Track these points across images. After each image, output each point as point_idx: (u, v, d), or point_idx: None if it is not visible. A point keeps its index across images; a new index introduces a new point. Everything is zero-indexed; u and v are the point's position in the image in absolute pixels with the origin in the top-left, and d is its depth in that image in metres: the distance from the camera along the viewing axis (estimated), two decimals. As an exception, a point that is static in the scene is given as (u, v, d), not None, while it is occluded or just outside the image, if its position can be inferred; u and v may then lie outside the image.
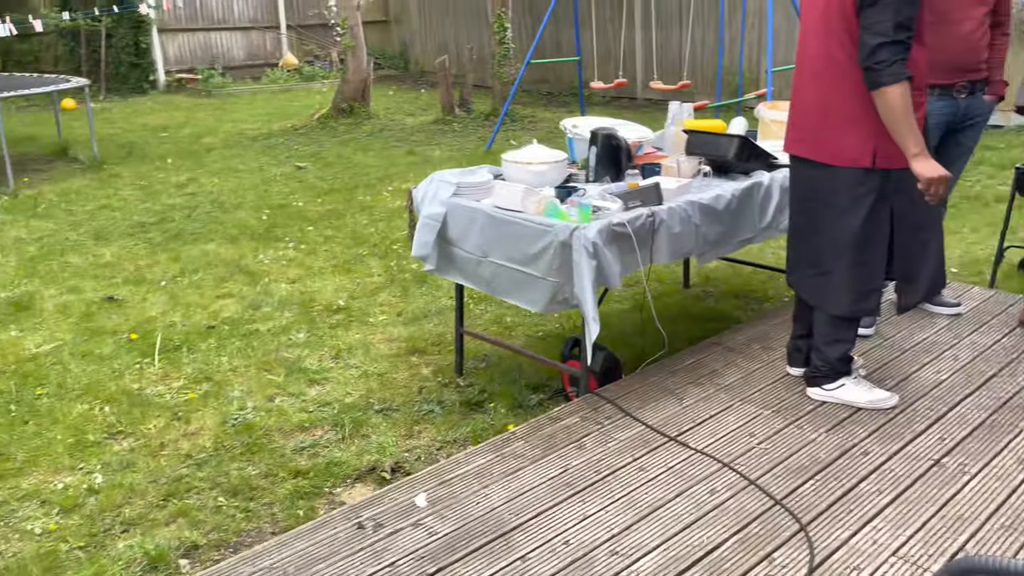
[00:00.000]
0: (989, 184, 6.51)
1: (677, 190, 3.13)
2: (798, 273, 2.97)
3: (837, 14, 2.58)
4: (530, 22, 13.74)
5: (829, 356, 2.93)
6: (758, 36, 10.91)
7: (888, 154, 2.63)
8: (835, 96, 2.66)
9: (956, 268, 4.64)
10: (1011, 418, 2.84)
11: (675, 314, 4.16)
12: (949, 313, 3.74)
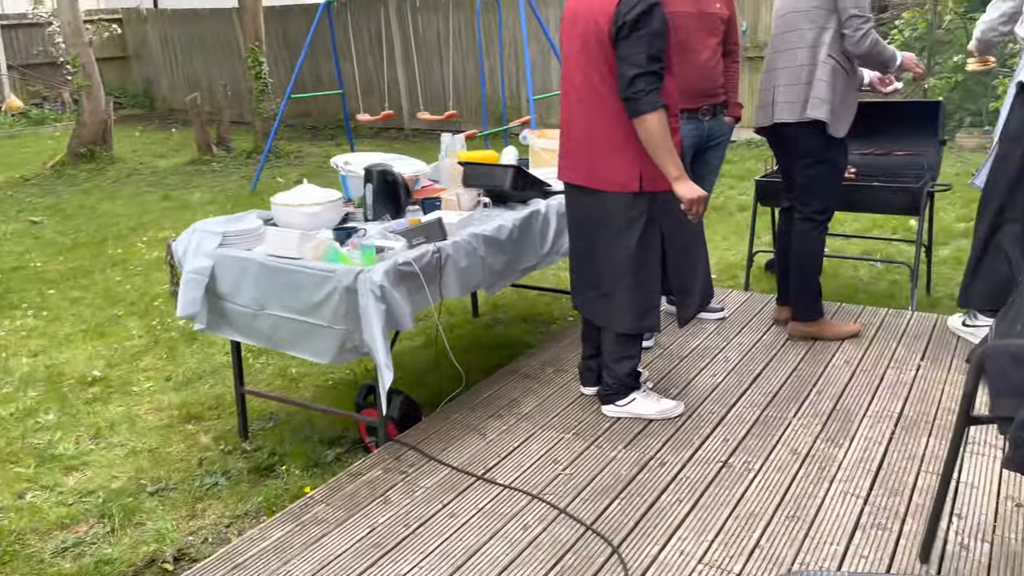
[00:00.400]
0: (731, 195, 7.18)
1: (460, 223, 3.09)
2: (582, 295, 3.04)
3: (596, 47, 2.67)
4: (287, 55, 13.33)
5: (619, 373, 3.03)
6: (516, 65, 11.35)
7: (653, 178, 2.76)
8: (600, 125, 2.75)
9: (715, 275, 5.03)
10: (780, 411, 3.09)
11: (468, 344, 4.13)
12: (715, 318, 4.03)
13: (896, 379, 3.30)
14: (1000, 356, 1.85)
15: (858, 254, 5.31)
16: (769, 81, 3.53)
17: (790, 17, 3.41)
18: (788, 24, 3.42)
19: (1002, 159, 3.30)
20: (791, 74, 3.41)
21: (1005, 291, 3.28)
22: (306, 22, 12.01)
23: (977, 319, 3.59)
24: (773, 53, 3.52)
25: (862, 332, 3.77)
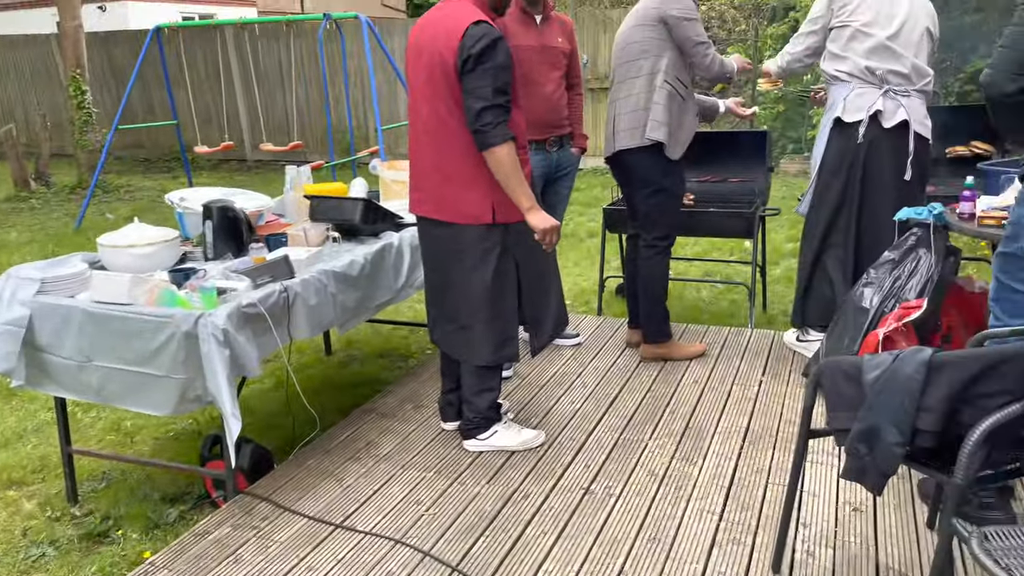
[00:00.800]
0: (581, 221, 7.38)
1: (308, 260, 2.97)
2: (440, 329, 2.99)
3: (441, 80, 2.66)
4: (114, 84, 12.56)
5: (479, 406, 2.99)
6: (363, 95, 11.23)
7: (506, 208, 2.77)
8: (450, 157, 2.73)
9: (568, 300, 5.13)
10: (637, 434, 3.15)
11: (321, 385, 3.97)
12: (571, 344, 4.09)
13: (741, 395, 3.46)
14: (833, 373, 1.96)
15: (700, 276, 5.57)
16: (612, 111, 3.65)
17: (628, 49, 3.55)
18: (626, 56, 3.56)
19: (824, 187, 3.56)
20: (631, 102, 3.54)
21: (831, 309, 3.53)
22: (134, 49, 11.38)
23: (809, 334, 3.84)
24: (615, 85, 3.65)
25: (708, 351, 3.94)
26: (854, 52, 3.40)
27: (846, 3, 3.40)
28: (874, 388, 1.82)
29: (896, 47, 3.36)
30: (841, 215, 3.54)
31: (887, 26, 3.36)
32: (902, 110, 3.39)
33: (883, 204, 3.45)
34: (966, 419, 1.73)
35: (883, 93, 3.38)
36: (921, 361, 1.76)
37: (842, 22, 3.41)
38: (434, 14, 2.73)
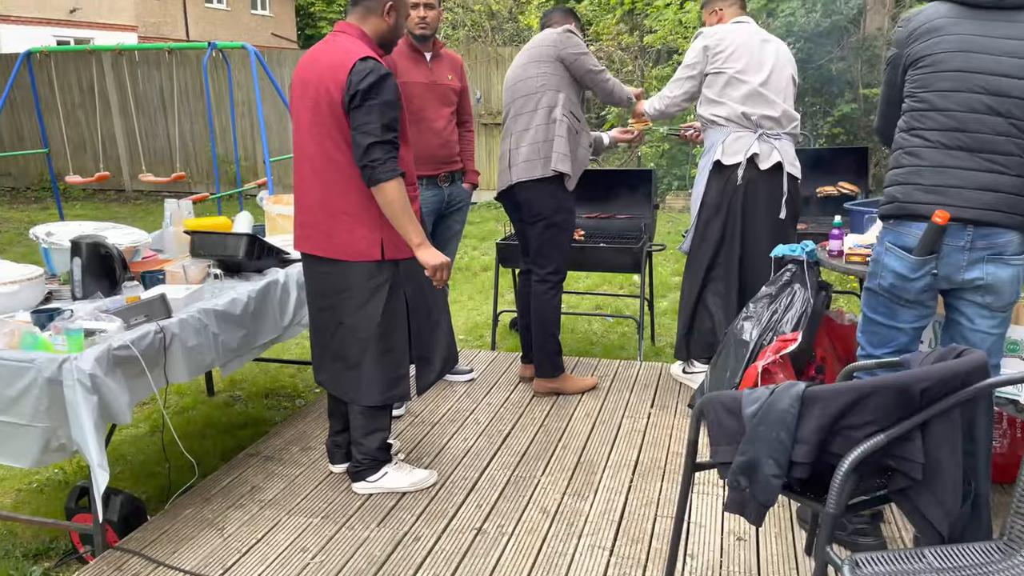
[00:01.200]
0: (475, 255, 7.41)
1: (187, 298, 2.84)
2: (326, 370, 2.91)
3: (328, 115, 2.62)
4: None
5: (369, 447, 2.92)
6: (251, 125, 10.96)
7: (395, 244, 2.74)
8: (337, 193, 2.69)
9: (462, 335, 5.11)
10: (529, 471, 3.15)
11: (202, 428, 3.79)
12: (464, 380, 4.07)
13: (631, 428, 3.52)
14: (715, 407, 2.01)
15: (591, 309, 5.67)
16: (507, 145, 3.68)
17: (525, 84, 3.61)
18: (523, 91, 3.62)
19: (705, 226, 3.70)
20: (530, 135, 3.59)
21: (714, 343, 3.66)
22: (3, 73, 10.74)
23: (694, 366, 3.96)
24: (509, 119, 3.69)
25: (599, 384, 3.99)
26: (730, 98, 3.57)
27: (720, 51, 3.57)
28: (752, 422, 1.89)
29: (768, 93, 3.56)
30: (722, 252, 3.69)
31: (758, 73, 3.55)
32: (776, 152, 3.58)
33: (760, 241, 3.62)
34: (836, 450, 1.81)
35: (758, 137, 3.56)
36: (795, 395, 1.83)
37: (717, 69, 3.57)
38: (320, 49, 2.70)
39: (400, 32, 2.79)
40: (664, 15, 10.80)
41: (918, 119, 2.35)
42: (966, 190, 2.26)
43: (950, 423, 1.82)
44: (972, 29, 2.27)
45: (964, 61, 2.26)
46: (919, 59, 2.34)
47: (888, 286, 2.42)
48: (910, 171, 2.35)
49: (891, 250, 2.40)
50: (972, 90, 2.25)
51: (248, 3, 26.19)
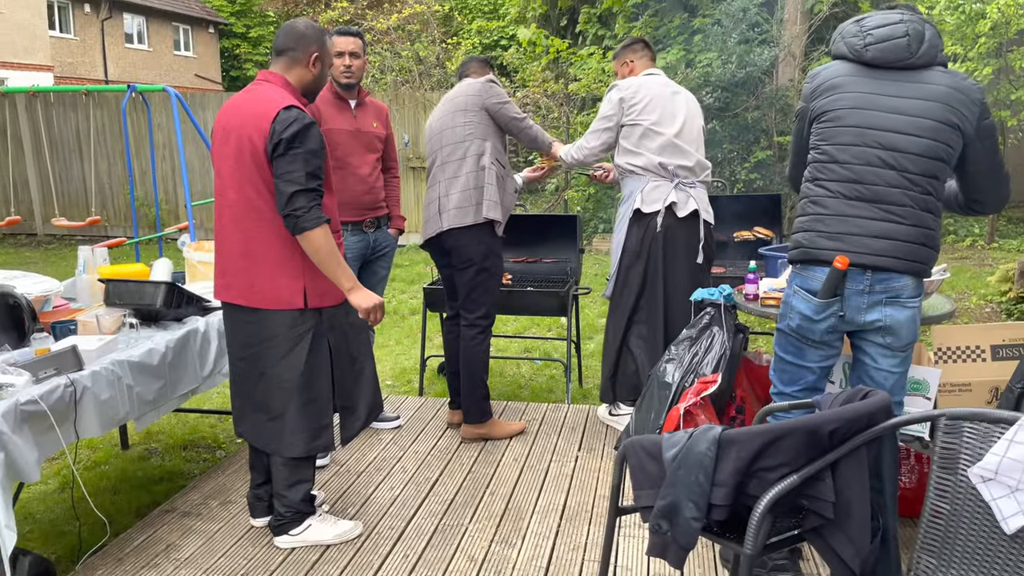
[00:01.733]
0: (403, 299, 7.37)
1: (100, 349, 2.74)
2: (248, 421, 2.85)
3: (251, 163, 2.60)
4: None
5: (292, 499, 2.85)
6: (172, 168, 10.75)
7: (319, 292, 2.72)
8: (259, 242, 2.66)
9: (390, 380, 5.06)
10: (457, 519, 3.12)
11: (116, 483, 3.63)
12: (391, 427, 4.02)
13: (559, 471, 3.53)
14: (637, 451, 2.05)
15: (519, 353, 5.70)
16: (435, 192, 3.71)
17: (449, 134, 3.68)
18: (450, 139, 3.67)
19: (627, 272, 3.79)
20: (460, 183, 3.63)
21: (638, 385, 3.73)
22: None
23: (620, 408, 4.01)
24: (436, 167, 3.73)
25: (527, 428, 4.01)
26: (647, 149, 3.69)
27: (635, 103, 3.70)
28: (672, 466, 1.93)
29: (682, 144, 3.70)
30: (644, 296, 3.78)
31: (672, 125, 3.69)
32: (692, 200, 3.71)
33: (680, 285, 3.73)
34: (753, 492, 1.86)
35: (675, 186, 3.68)
36: (712, 439, 1.88)
37: (633, 121, 3.70)
38: (243, 97, 2.69)
39: (324, 81, 2.81)
40: (588, 64, 11.11)
41: (821, 170, 2.48)
42: (864, 237, 2.39)
43: (858, 462, 1.90)
44: (869, 87, 2.42)
45: (861, 117, 2.40)
46: (822, 114, 2.48)
47: (796, 327, 2.53)
48: (814, 219, 2.47)
49: (798, 293, 2.51)
50: (869, 145, 2.39)
51: (171, 44, 25.83)
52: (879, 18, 2.44)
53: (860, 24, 2.46)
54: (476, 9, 21.16)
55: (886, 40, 2.39)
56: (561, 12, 14.23)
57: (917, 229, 2.38)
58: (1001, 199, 2.53)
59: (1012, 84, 8.82)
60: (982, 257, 8.74)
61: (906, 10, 2.46)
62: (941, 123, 2.36)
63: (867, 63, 2.43)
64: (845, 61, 2.48)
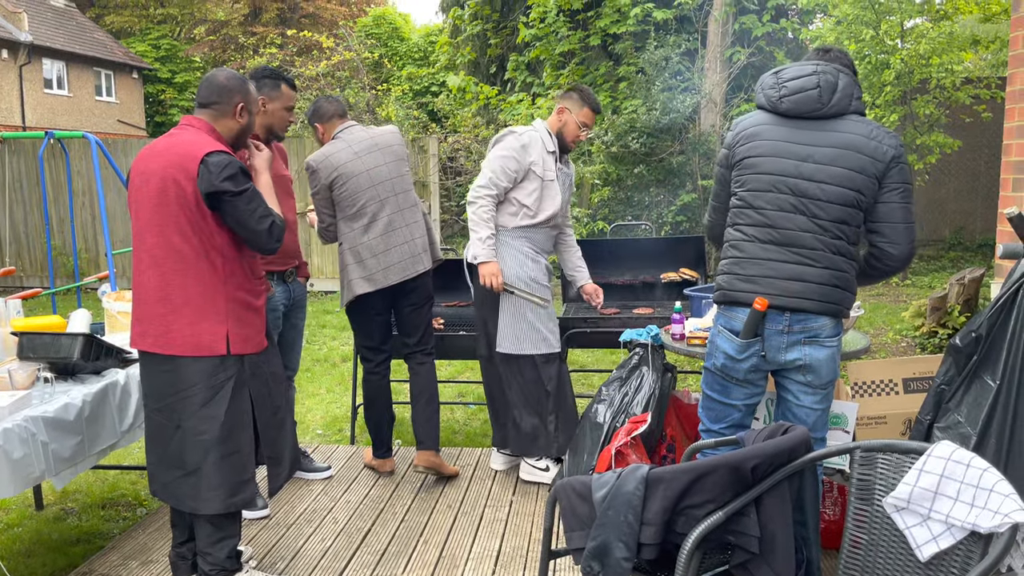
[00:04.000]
0: (334, 346, 7.27)
1: (13, 406, 2.62)
2: (162, 477, 2.73)
3: (174, 206, 2.55)
4: None
5: (217, 557, 2.75)
6: (92, 216, 10.46)
7: (243, 338, 2.67)
8: (180, 287, 2.60)
9: (320, 429, 4.97)
10: (390, 569, 3.07)
11: (30, 547, 3.45)
12: (322, 477, 3.94)
13: (493, 517, 3.51)
14: (568, 493, 2.06)
15: (453, 398, 5.67)
16: (403, 237, 3.74)
17: (399, 182, 3.77)
18: (400, 187, 3.77)
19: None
20: (420, 228, 3.82)
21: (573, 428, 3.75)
22: None
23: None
24: (395, 213, 3.72)
25: (461, 473, 3.97)
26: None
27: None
28: (602, 506, 1.94)
29: None
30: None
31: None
32: None
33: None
34: (681, 529, 1.89)
35: None
36: (639, 478, 1.91)
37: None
38: (164, 141, 2.65)
39: (251, 129, 2.79)
40: (517, 110, 11.32)
41: (739, 215, 2.58)
42: (778, 280, 2.48)
43: (780, 497, 1.95)
44: (783, 136, 2.53)
45: (774, 165, 2.51)
46: (740, 160, 2.59)
47: (721, 366, 2.60)
48: (732, 262, 2.57)
49: (722, 332, 2.60)
50: (780, 190, 2.50)
51: (92, 89, 25.25)
52: (794, 70, 2.56)
53: (777, 76, 2.58)
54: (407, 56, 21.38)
55: (799, 92, 2.51)
56: (490, 60, 14.52)
57: (829, 271, 2.47)
58: (907, 254, 2.52)
59: (917, 130, 9.33)
60: (897, 294, 9.13)
61: (823, 61, 2.57)
62: (852, 170, 2.44)
63: (782, 113, 2.55)
64: (764, 111, 2.60)
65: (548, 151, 3.74)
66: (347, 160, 3.67)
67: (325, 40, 12.00)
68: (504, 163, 3.67)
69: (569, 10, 11.85)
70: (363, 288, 3.71)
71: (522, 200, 3.72)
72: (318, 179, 3.69)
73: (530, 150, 3.70)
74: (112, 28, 27.68)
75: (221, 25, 25.87)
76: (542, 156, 3.72)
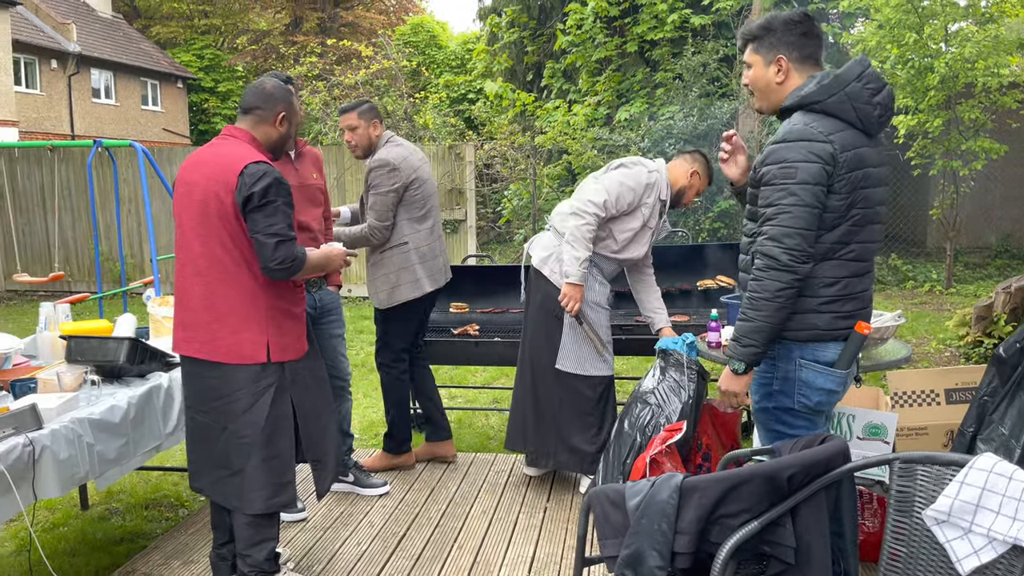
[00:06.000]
0: (370, 351, 7.33)
1: (61, 407, 2.71)
2: (207, 476, 2.80)
3: (216, 216, 2.62)
4: None
5: (256, 559, 2.80)
6: (138, 222, 10.69)
7: (282, 346, 2.72)
8: (222, 295, 2.66)
9: (358, 435, 5.01)
10: (424, 574, 3.09)
11: (75, 545, 3.54)
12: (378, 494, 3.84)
13: (528, 523, 3.52)
14: (601, 501, 2.06)
15: (488, 404, 5.69)
16: (443, 244, 4.06)
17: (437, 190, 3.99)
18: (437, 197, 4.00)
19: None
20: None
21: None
22: None
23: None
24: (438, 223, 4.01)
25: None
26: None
27: None
28: (636, 515, 1.94)
29: None
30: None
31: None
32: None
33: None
34: (715, 539, 1.88)
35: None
36: (673, 487, 1.91)
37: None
38: (207, 151, 2.72)
39: (290, 139, 2.85)
40: (553, 116, 11.34)
41: (837, 248, 2.26)
42: (868, 308, 2.36)
43: (817, 507, 1.93)
44: (873, 159, 2.26)
45: (879, 195, 2.28)
46: (850, 189, 2.22)
47: (815, 404, 2.31)
48: (829, 301, 2.27)
49: (807, 367, 2.30)
50: (873, 221, 2.30)
51: (138, 99, 25.85)
52: (877, 81, 2.25)
53: (865, 86, 2.24)
54: (444, 64, 21.55)
55: (889, 111, 2.27)
56: (527, 67, 14.57)
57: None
58: None
59: (962, 135, 9.15)
60: (940, 302, 8.95)
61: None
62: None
63: (863, 130, 2.24)
64: (845, 123, 2.22)
65: (660, 199, 3.65)
66: (420, 164, 3.89)
67: (364, 49, 12.14)
68: (623, 191, 3.56)
69: (606, 17, 11.85)
70: (429, 286, 3.93)
71: (615, 233, 3.62)
72: (398, 177, 3.75)
73: (651, 192, 3.61)
74: (158, 39, 28.33)
75: (263, 35, 26.33)
76: (655, 202, 3.63)
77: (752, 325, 2.25)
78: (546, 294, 3.72)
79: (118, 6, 28.37)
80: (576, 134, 10.45)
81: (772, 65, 2.34)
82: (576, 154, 10.24)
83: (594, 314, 3.70)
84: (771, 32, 2.34)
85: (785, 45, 2.32)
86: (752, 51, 2.38)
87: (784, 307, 2.22)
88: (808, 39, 2.34)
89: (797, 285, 2.21)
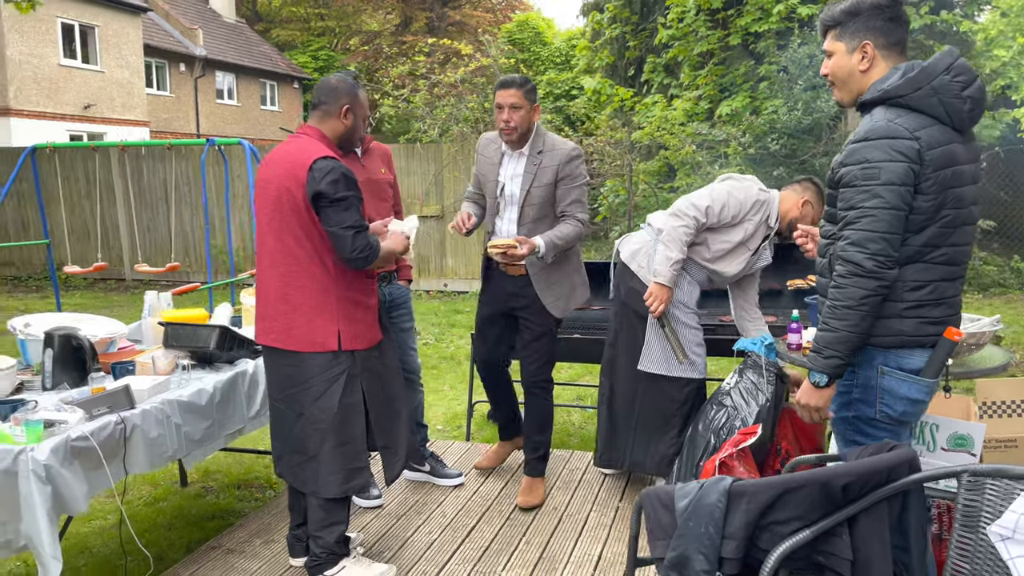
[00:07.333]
0: (460, 344, 7.46)
1: (152, 389, 2.89)
2: (285, 461, 2.94)
3: (288, 212, 2.73)
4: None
5: (327, 541, 2.91)
6: (248, 216, 11.21)
7: (353, 335, 2.82)
8: (296, 286, 2.78)
9: (440, 425, 5.12)
10: (490, 566, 3.13)
11: (171, 519, 3.77)
12: (452, 484, 3.90)
13: (598, 522, 3.50)
14: (652, 502, 2.04)
15: (572, 400, 5.68)
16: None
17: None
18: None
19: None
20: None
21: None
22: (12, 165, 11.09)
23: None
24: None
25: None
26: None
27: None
28: (683, 517, 1.91)
29: None
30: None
31: None
32: None
33: None
34: (764, 546, 1.83)
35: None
36: (722, 490, 1.86)
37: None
38: (281, 149, 2.84)
39: (358, 133, 2.93)
40: (651, 112, 11.17)
41: (926, 252, 2.14)
42: (958, 314, 2.24)
43: (878, 518, 1.85)
44: (964, 157, 2.13)
45: (970, 193, 2.17)
46: (939, 189, 2.10)
47: (899, 414, 2.20)
48: (915, 305, 2.16)
49: (891, 374, 2.19)
50: (966, 222, 2.18)
51: (258, 99, 27.14)
52: (966, 73, 2.12)
53: (954, 78, 2.11)
54: (548, 61, 21.58)
55: (980, 105, 2.13)
56: (628, 62, 14.41)
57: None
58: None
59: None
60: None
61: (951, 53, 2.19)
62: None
63: (954, 127, 2.12)
64: (932, 119, 2.10)
65: (768, 223, 3.50)
66: None
67: (463, 47, 12.32)
68: (729, 201, 3.43)
69: (709, 9, 11.57)
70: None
71: (711, 242, 3.49)
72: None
73: (758, 210, 3.47)
74: (277, 41, 29.62)
75: (374, 36, 27.12)
76: (761, 223, 3.48)
77: (834, 335, 2.15)
78: (630, 290, 3.63)
79: (241, 11, 29.84)
80: (675, 129, 10.27)
81: (856, 52, 2.22)
82: (674, 149, 10.07)
83: (681, 314, 3.56)
84: (857, 17, 2.22)
85: (871, 30, 2.21)
86: (834, 38, 2.27)
87: (869, 315, 2.11)
88: (896, 24, 2.22)
89: (883, 292, 2.10)
